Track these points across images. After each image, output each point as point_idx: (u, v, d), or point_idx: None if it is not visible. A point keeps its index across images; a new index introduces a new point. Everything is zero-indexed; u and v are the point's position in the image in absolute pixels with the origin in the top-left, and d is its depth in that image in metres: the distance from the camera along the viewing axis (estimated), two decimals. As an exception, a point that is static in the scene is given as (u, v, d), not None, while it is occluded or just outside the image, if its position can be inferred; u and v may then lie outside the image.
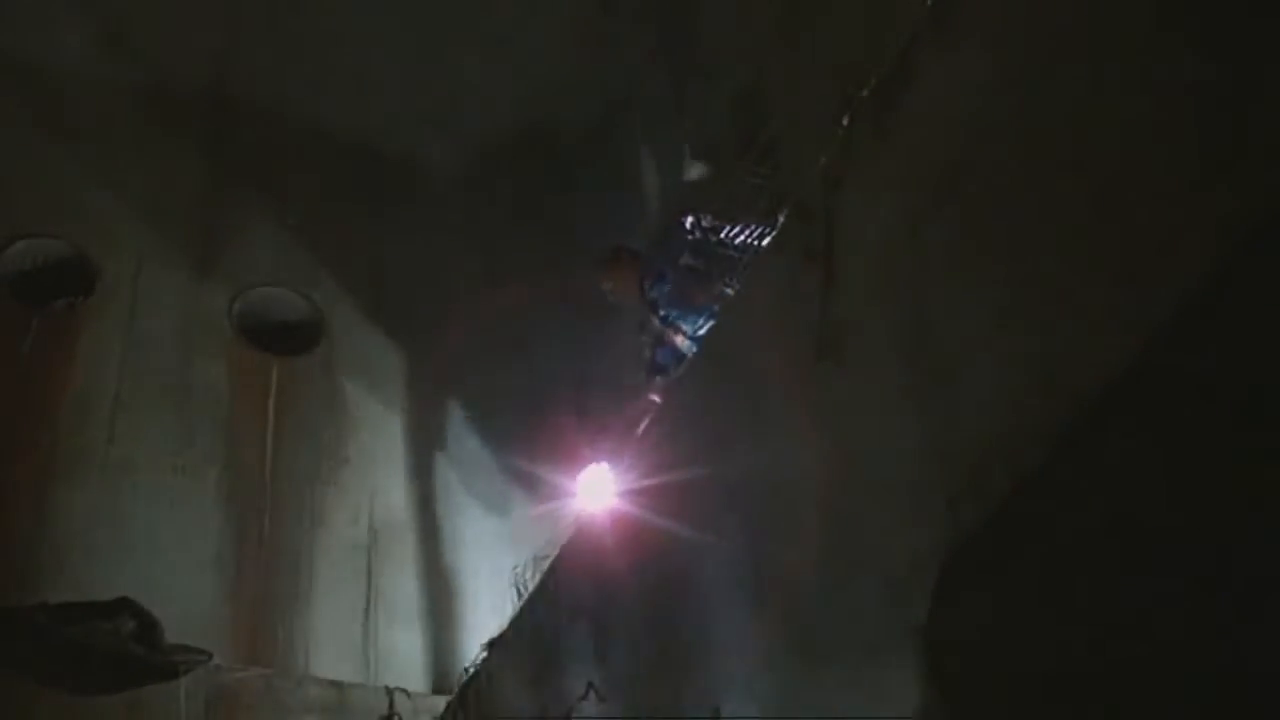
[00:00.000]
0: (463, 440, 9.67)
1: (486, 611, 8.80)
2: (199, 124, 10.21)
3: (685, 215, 6.50)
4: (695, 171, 6.67)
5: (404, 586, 8.89)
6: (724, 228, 6.27)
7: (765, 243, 5.33)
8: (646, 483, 5.37)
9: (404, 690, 7.68)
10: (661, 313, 6.84)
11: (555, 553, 6.35)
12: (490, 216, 10.71)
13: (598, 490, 6.04)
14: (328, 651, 8.30)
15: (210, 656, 7.27)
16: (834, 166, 3.89)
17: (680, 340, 6.74)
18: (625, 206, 10.27)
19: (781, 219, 4.44)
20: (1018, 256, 2.91)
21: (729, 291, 5.95)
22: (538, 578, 6.59)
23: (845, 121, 3.87)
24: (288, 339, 9.72)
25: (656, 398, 6.72)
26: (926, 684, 3.03)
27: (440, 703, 7.35)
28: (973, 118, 3.17)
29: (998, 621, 2.85)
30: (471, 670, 6.91)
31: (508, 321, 10.11)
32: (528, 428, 9.57)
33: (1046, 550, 2.73)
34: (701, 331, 6.60)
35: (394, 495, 9.26)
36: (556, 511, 8.00)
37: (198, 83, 10.17)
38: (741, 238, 6.23)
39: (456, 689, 7.07)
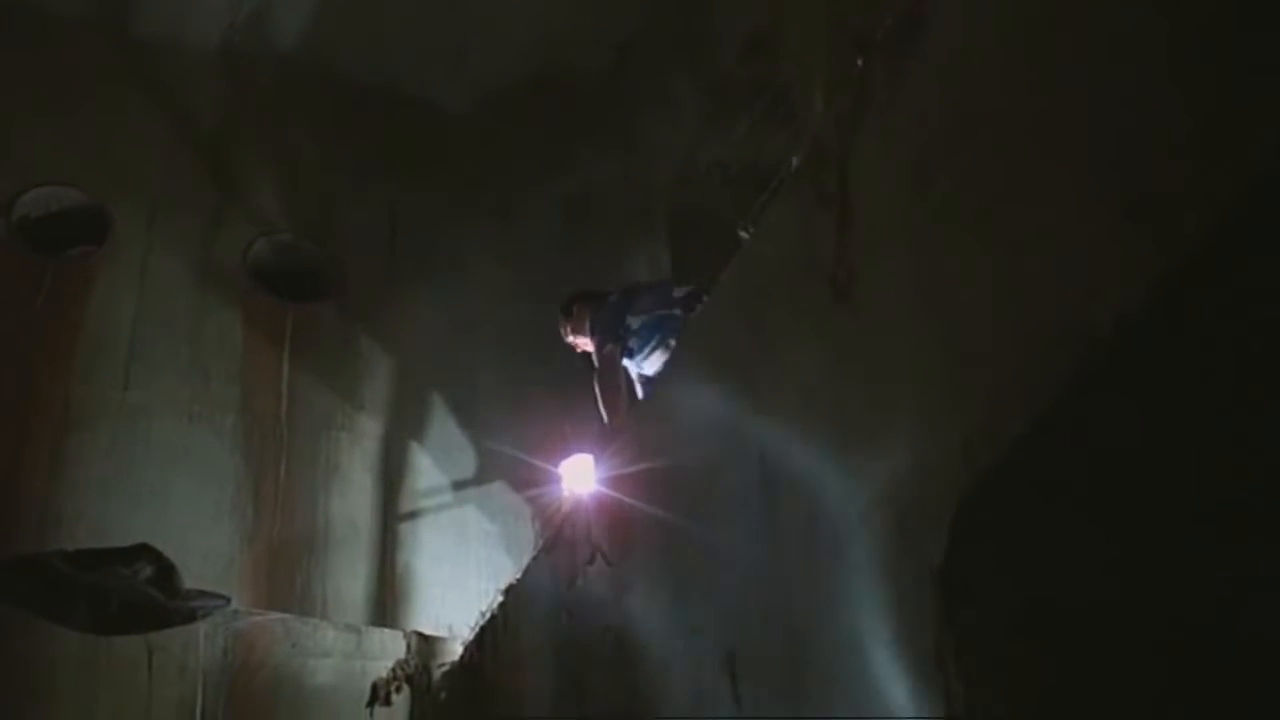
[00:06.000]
0: (478, 383, 9.68)
1: (502, 553, 8.86)
2: (212, 70, 10.18)
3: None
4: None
5: (419, 530, 8.93)
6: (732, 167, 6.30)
7: (779, 185, 5.32)
8: (659, 427, 5.38)
9: (421, 633, 7.73)
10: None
11: (573, 501, 6.38)
12: (502, 161, 10.69)
13: (612, 450, 6.06)
14: (344, 596, 8.37)
15: (228, 601, 7.33)
16: (848, 108, 3.86)
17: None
18: (637, 152, 10.25)
19: (795, 161, 4.42)
20: (1031, 200, 2.89)
21: (743, 234, 5.95)
22: (555, 524, 6.62)
23: (859, 64, 3.84)
24: (302, 285, 9.74)
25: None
26: (942, 627, 3.03)
27: (457, 647, 7.39)
28: (987, 61, 3.15)
29: (1016, 563, 2.86)
30: (488, 614, 6.94)
31: (522, 263, 10.14)
32: (543, 372, 9.59)
33: (1064, 490, 2.72)
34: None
35: (409, 440, 9.29)
36: (573, 455, 8.05)
37: (210, 28, 10.12)
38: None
39: (474, 632, 7.11)
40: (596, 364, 7.57)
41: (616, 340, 7.35)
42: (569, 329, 7.96)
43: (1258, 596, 2.19)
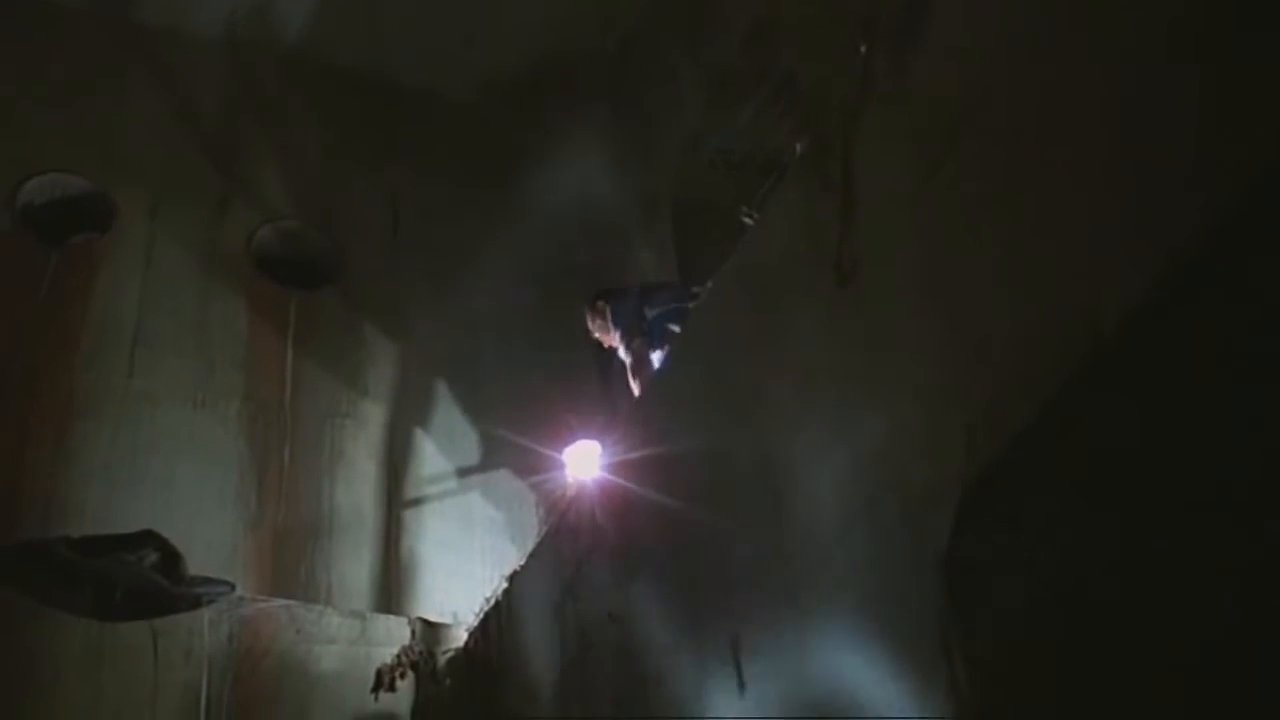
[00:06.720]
0: (482, 369, 9.68)
1: (506, 540, 8.87)
2: (215, 58, 10.19)
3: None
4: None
5: (424, 517, 8.94)
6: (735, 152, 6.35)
7: (783, 172, 5.33)
8: (663, 413, 5.40)
9: (425, 620, 7.75)
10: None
11: (577, 488, 6.40)
12: (504, 150, 10.69)
13: (617, 435, 6.08)
14: (349, 582, 8.38)
15: (233, 587, 7.34)
16: (851, 96, 3.87)
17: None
18: (639, 141, 10.24)
19: (798, 149, 4.43)
20: (1032, 196, 2.90)
21: (747, 221, 5.97)
22: (559, 510, 6.64)
23: (863, 50, 3.85)
24: (306, 273, 9.74)
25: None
26: (947, 614, 3.05)
27: (461, 633, 7.42)
28: (989, 61, 3.16)
29: (1018, 557, 2.87)
30: (493, 601, 6.97)
31: (523, 252, 10.13)
32: (545, 359, 9.60)
33: (1066, 485, 2.74)
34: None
35: (413, 427, 9.30)
36: (577, 442, 8.07)
37: (213, 17, 10.13)
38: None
39: (478, 618, 7.14)
40: (626, 359, 7.77)
41: (641, 334, 7.58)
42: (595, 325, 8.16)
43: (1258, 595, 2.21)
